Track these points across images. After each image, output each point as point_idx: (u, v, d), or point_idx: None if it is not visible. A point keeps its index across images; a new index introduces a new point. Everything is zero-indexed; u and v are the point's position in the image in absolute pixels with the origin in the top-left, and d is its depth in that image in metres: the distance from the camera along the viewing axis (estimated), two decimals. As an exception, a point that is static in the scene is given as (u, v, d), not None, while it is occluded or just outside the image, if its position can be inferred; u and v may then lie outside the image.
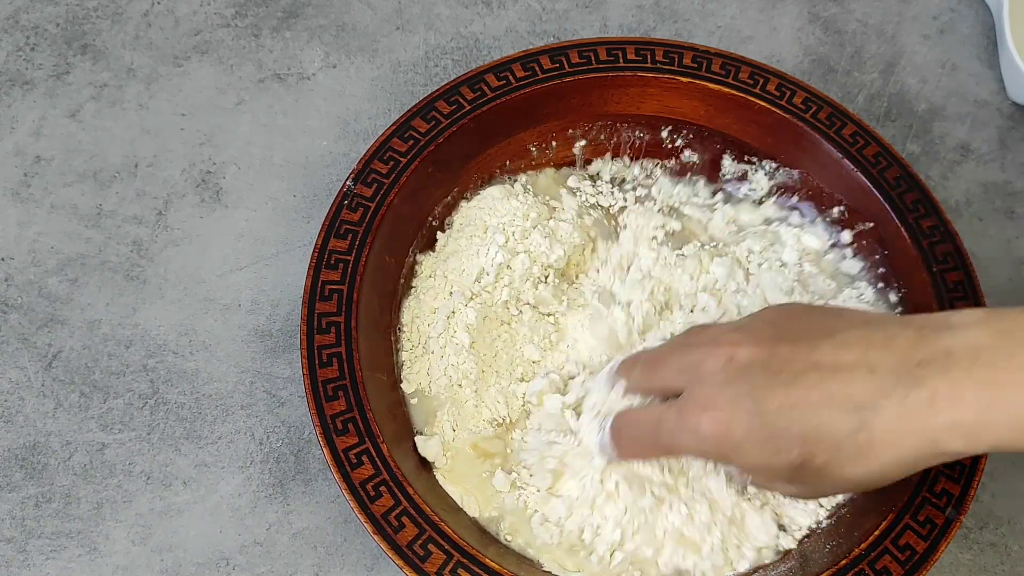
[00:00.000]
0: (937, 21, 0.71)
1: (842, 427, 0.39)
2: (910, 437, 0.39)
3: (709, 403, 0.42)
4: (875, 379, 0.39)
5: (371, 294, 0.53)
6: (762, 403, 0.40)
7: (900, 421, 0.38)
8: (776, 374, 0.40)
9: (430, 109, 0.56)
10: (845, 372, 0.39)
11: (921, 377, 0.38)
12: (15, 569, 0.51)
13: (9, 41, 0.65)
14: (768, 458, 0.41)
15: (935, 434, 0.38)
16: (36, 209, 0.60)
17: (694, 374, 0.43)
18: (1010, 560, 0.54)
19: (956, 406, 0.38)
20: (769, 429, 0.40)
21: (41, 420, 0.54)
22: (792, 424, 0.40)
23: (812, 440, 0.40)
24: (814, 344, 0.41)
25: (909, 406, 0.38)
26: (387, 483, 0.47)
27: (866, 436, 0.39)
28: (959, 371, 0.38)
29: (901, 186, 0.56)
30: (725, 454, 0.42)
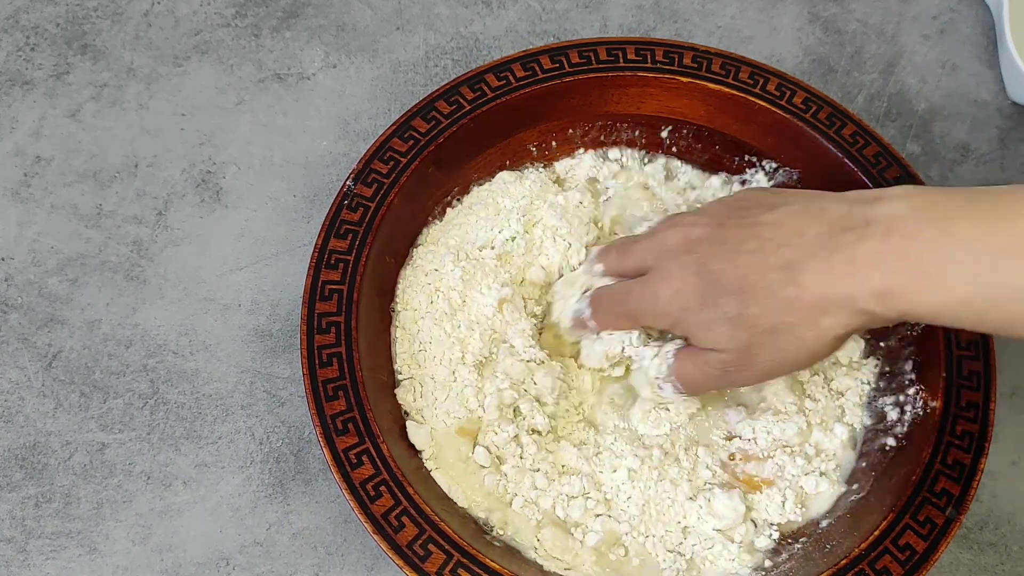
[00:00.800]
0: (937, 21, 0.71)
1: (772, 281, 0.44)
2: (829, 292, 0.43)
3: (666, 273, 0.47)
4: (804, 242, 0.44)
5: (371, 294, 0.53)
6: (707, 267, 0.46)
7: (822, 278, 0.43)
8: (722, 243, 0.46)
9: (430, 109, 0.56)
10: (779, 238, 0.45)
11: (843, 242, 0.43)
12: (15, 569, 0.51)
13: (9, 41, 0.65)
14: (709, 312, 0.46)
15: (852, 292, 0.42)
16: (36, 209, 0.60)
17: (658, 250, 0.49)
18: (1010, 560, 0.54)
19: (870, 269, 0.42)
20: (711, 288, 0.46)
21: (41, 420, 0.54)
22: (730, 281, 0.45)
23: (746, 291, 0.45)
24: (757, 217, 0.46)
25: (831, 267, 0.43)
26: (387, 483, 0.47)
27: (794, 291, 0.44)
28: (875, 238, 0.42)
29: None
30: (675, 314, 0.47)
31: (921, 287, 0.41)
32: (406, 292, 0.55)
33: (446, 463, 0.51)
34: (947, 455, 0.49)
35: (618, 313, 0.51)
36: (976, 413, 0.50)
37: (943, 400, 0.50)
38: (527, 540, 0.49)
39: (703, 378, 0.49)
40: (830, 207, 0.45)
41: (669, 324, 0.48)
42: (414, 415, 0.52)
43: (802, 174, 0.58)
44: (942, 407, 0.50)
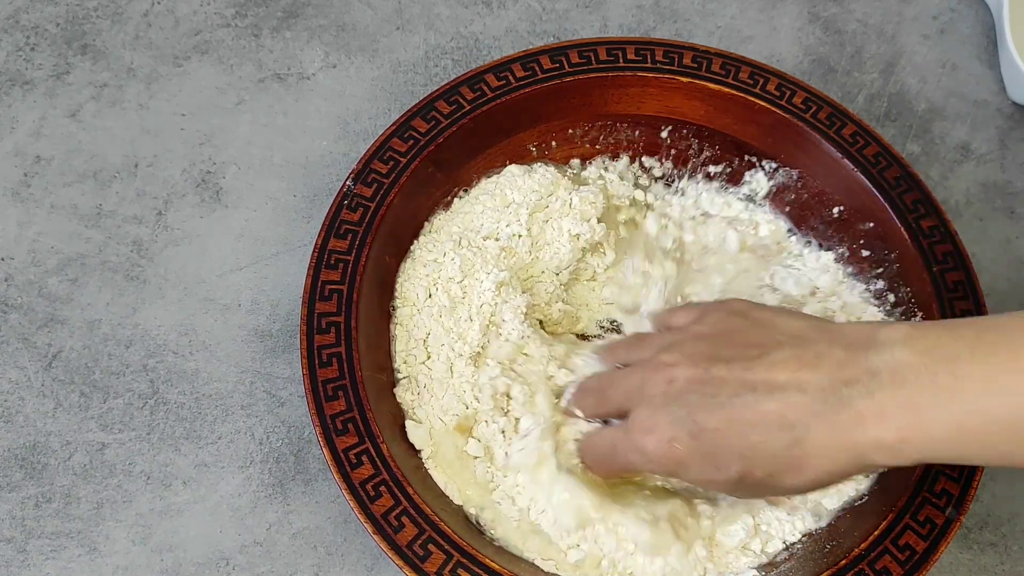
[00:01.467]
0: (937, 21, 0.71)
1: (777, 444, 0.42)
2: (840, 453, 0.41)
3: (652, 425, 0.44)
4: (806, 399, 0.41)
5: (371, 294, 0.53)
6: (701, 424, 0.43)
7: (830, 438, 0.41)
8: (713, 396, 0.43)
9: (430, 109, 0.56)
10: (778, 392, 0.42)
11: (848, 397, 0.41)
12: (15, 569, 0.51)
13: (9, 41, 0.65)
14: (710, 474, 0.44)
15: (862, 450, 0.41)
16: (36, 209, 0.60)
17: (637, 397, 0.46)
18: (1010, 560, 0.54)
19: (880, 425, 0.40)
20: (709, 448, 0.43)
21: (41, 420, 0.54)
22: (730, 443, 0.43)
23: (749, 457, 0.43)
24: (747, 365, 0.43)
25: (838, 425, 0.41)
26: (387, 483, 0.47)
27: (799, 451, 0.42)
28: (882, 392, 0.40)
29: (901, 186, 0.56)
30: (671, 471, 0.45)
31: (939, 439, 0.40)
32: (404, 286, 0.54)
33: (444, 461, 0.51)
34: (947, 455, 0.49)
35: (609, 465, 0.49)
36: (976, 413, 0.50)
37: (943, 400, 0.50)
38: (514, 542, 0.49)
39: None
40: (826, 353, 0.42)
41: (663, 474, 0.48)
42: (412, 414, 0.52)
43: (802, 174, 0.58)
44: (942, 407, 0.50)
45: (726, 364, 0.44)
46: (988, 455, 0.41)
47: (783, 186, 0.59)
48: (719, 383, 0.43)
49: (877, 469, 0.44)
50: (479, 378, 0.52)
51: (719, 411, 0.43)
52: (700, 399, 0.43)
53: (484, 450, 0.51)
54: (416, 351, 0.53)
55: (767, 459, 0.42)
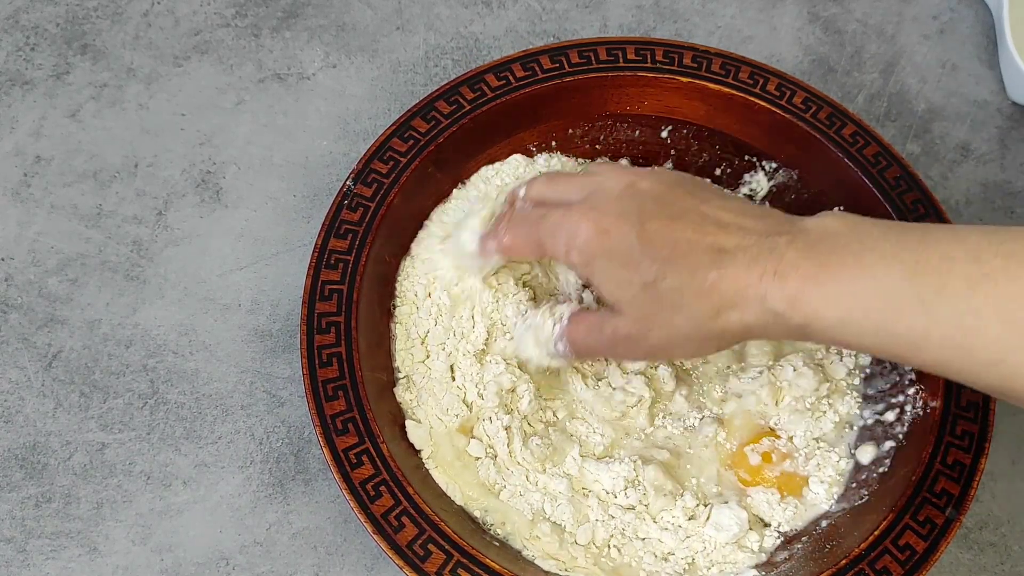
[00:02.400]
0: (937, 21, 0.71)
1: (700, 261, 0.44)
2: (747, 287, 0.43)
3: (597, 207, 0.46)
4: (741, 235, 0.44)
5: (371, 294, 0.53)
6: (644, 222, 0.45)
7: (745, 271, 0.43)
8: (665, 206, 0.45)
9: (430, 109, 0.56)
10: (721, 224, 0.45)
11: (775, 244, 0.43)
12: (15, 569, 0.51)
13: (9, 41, 0.65)
14: (627, 269, 0.45)
15: (766, 290, 0.43)
16: (36, 209, 0.60)
17: (594, 190, 0.47)
18: (1010, 560, 0.54)
19: (789, 272, 0.42)
20: (640, 245, 0.44)
21: (41, 420, 0.54)
22: (660, 247, 0.44)
23: (670, 261, 0.44)
24: (704, 199, 0.46)
25: (757, 262, 0.43)
26: (387, 483, 0.47)
27: (715, 275, 0.43)
28: (803, 244, 0.43)
29: (901, 186, 0.56)
30: (589, 258, 0.46)
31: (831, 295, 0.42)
32: (403, 284, 0.55)
33: (444, 461, 0.51)
34: (947, 455, 0.49)
35: (527, 235, 0.48)
36: (976, 413, 0.50)
37: (943, 400, 0.50)
38: (522, 538, 0.49)
39: (593, 343, 0.48)
40: (771, 214, 0.46)
41: (579, 263, 0.46)
42: (411, 414, 0.52)
43: (802, 174, 0.58)
44: (942, 407, 0.50)
45: (687, 191, 0.47)
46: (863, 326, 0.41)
47: (783, 186, 0.59)
48: (676, 200, 0.46)
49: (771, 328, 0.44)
50: (484, 375, 0.52)
51: (666, 220, 0.45)
52: (653, 205, 0.45)
53: (486, 450, 0.51)
54: (415, 350, 0.53)
55: (684, 271, 0.44)
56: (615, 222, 0.45)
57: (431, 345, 0.53)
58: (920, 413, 0.51)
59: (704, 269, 0.44)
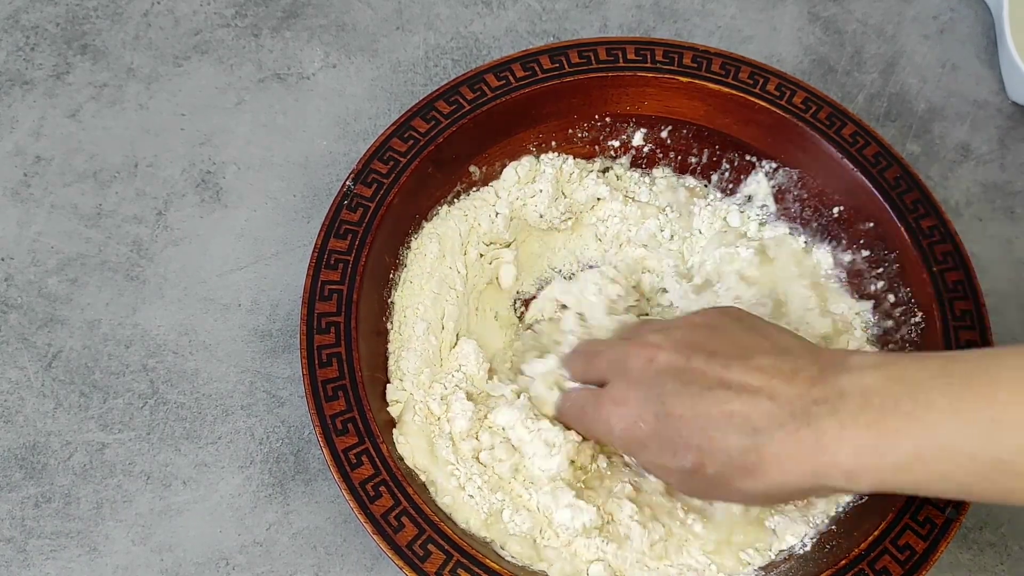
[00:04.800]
0: (937, 21, 0.71)
1: (735, 445, 0.42)
2: (795, 467, 0.42)
3: (621, 399, 0.46)
4: (773, 408, 0.42)
5: (371, 294, 0.53)
6: (668, 408, 0.44)
7: (787, 451, 0.41)
8: (687, 384, 0.44)
9: (430, 109, 0.56)
10: (748, 395, 0.43)
11: (814, 414, 0.41)
12: (15, 569, 0.51)
13: (9, 41, 0.65)
14: (665, 459, 0.45)
15: (818, 469, 0.41)
16: (36, 209, 0.60)
17: (618, 369, 0.47)
18: (1010, 560, 0.54)
19: (839, 447, 0.40)
20: (670, 434, 0.44)
21: (41, 420, 0.54)
22: (691, 434, 0.43)
23: (706, 451, 0.43)
24: (727, 363, 0.44)
25: (798, 439, 0.41)
26: (387, 483, 0.47)
27: (755, 458, 0.42)
28: (847, 414, 0.40)
29: (901, 186, 0.56)
30: (629, 448, 0.47)
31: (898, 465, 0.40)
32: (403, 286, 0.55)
33: (412, 433, 0.51)
34: (947, 455, 0.49)
35: (576, 423, 0.50)
36: (976, 413, 0.50)
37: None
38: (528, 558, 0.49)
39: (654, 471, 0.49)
40: (803, 369, 0.43)
41: (621, 449, 0.48)
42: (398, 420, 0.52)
43: (802, 174, 0.58)
44: (942, 407, 0.50)
45: (707, 358, 0.44)
46: (945, 486, 0.40)
47: (783, 186, 0.59)
48: (696, 374, 0.44)
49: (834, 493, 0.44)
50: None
51: (688, 400, 0.44)
52: (674, 385, 0.44)
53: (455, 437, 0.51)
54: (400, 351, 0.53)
55: (722, 457, 0.43)
56: (639, 412, 0.45)
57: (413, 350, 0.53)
58: (920, 413, 0.51)
59: (742, 453, 0.42)
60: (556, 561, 0.48)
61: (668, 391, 0.44)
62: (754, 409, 0.42)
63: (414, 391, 0.52)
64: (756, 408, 0.42)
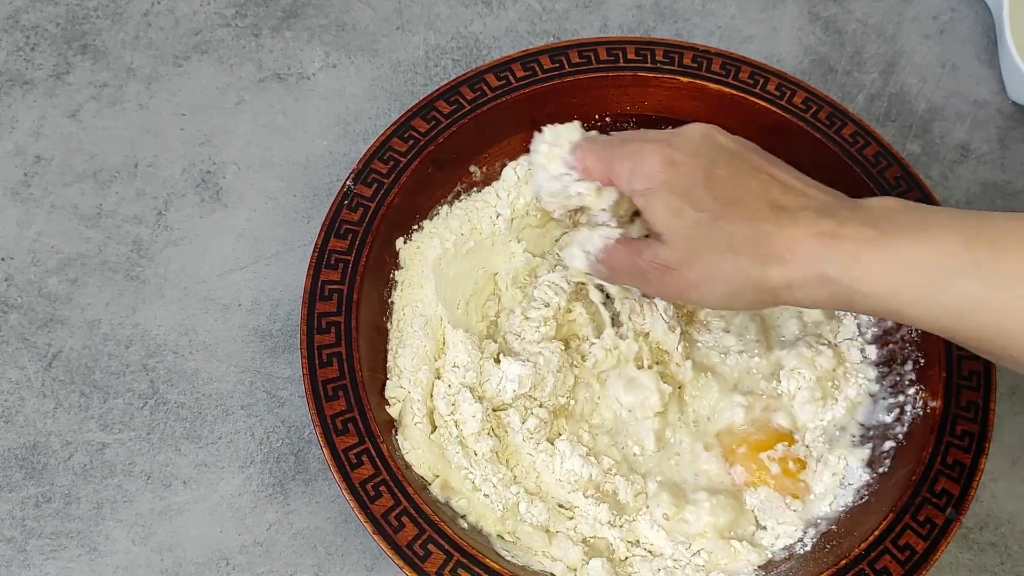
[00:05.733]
0: (937, 21, 0.71)
1: (759, 210, 0.45)
2: (802, 245, 0.44)
3: (673, 146, 0.47)
4: (804, 199, 0.45)
5: (371, 294, 0.53)
6: (715, 167, 0.46)
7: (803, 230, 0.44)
8: (739, 161, 0.47)
9: (430, 109, 0.56)
10: (787, 187, 0.46)
11: (836, 211, 0.44)
12: (15, 569, 0.51)
13: (9, 41, 0.66)
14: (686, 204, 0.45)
15: (822, 251, 0.43)
16: (36, 209, 0.60)
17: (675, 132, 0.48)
18: (1010, 560, 0.54)
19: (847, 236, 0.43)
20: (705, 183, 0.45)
21: (41, 420, 0.54)
22: (726, 189, 0.45)
23: (730, 204, 0.45)
24: (777, 165, 0.48)
25: (816, 224, 0.44)
26: (387, 483, 0.47)
27: (771, 228, 0.44)
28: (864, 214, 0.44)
29: (901, 186, 0.56)
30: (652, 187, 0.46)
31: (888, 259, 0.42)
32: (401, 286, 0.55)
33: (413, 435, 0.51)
34: (947, 455, 0.49)
35: (602, 157, 0.49)
36: (976, 413, 0.50)
37: (943, 400, 0.50)
38: (490, 528, 0.50)
39: (629, 266, 0.49)
40: (840, 193, 0.47)
41: (640, 189, 0.47)
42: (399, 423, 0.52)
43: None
44: (942, 407, 0.50)
45: (761, 156, 0.48)
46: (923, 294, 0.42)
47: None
48: (748, 159, 0.47)
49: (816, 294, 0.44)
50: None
51: (735, 170, 0.46)
52: (727, 158, 0.47)
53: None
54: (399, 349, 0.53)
55: (743, 217, 0.45)
56: (686, 159, 0.46)
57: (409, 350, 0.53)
58: (920, 413, 0.51)
59: (762, 220, 0.44)
60: (563, 549, 0.49)
61: (721, 158, 0.46)
62: (787, 196, 0.45)
63: (412, 389, 0.51)
64: (789, 195, 0.45)
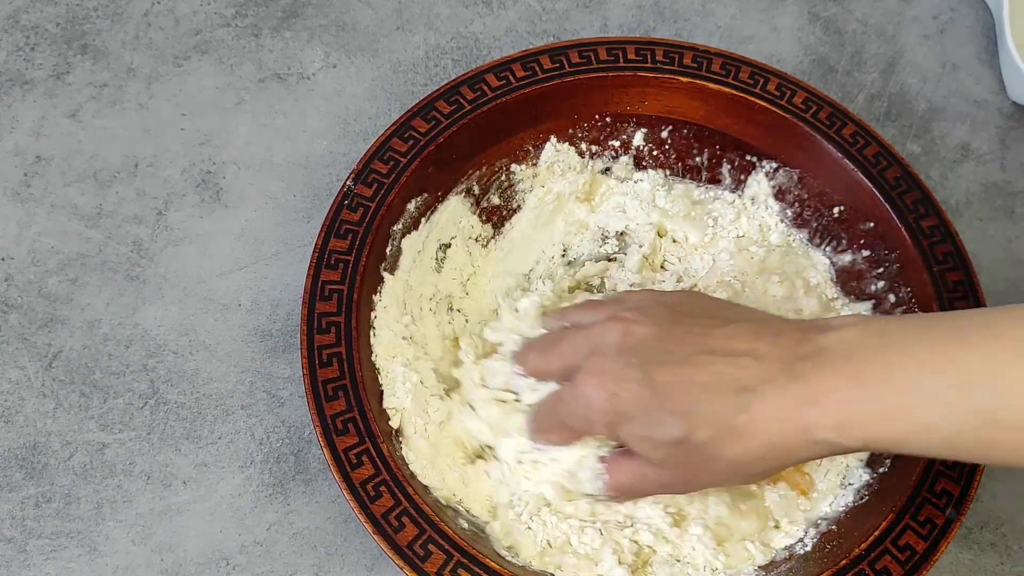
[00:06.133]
0: (937, 21, 0.71)
1: (725, 406, 0.41)
2: (785, 423, 0.41)
3: (600, 370, 0.44)
4: (760, 367, 0.41)
5: (371, 294, 0.53)
6: (652, 376, 0.42)
7: (778, 407, 0.41)
8: (669, 352, 0.43)
9: (430, 109, 0.56)
10: (734, 357, 0.42)
11: (801, 370, 0.41)
12: (15, 569, 0.51)
13: (9, 41, 0.65)
14: (651, 430, 0.43)
15: (808, 423, 0.41)
16: (36, 209, 0.60)
17: (590, 348, 0.45)
18: (1010, 560, 0.54)
19: (828, 398, 0.40)
20: (656, 402, 0.42)
21: (41, 420, 0.54)
22: (678, 400, 0.42)
23: (695, 416, 0.42)
24: (708, 330, 0.43)
25: (787, 394, 0.41)
26: (387, 483, 0.47)
27: (746, 418, 0.41)
28: (833, 367, 0.40)
29: (901, 186, 0.56)
30: (612, 423, 0.44)
31: (884, 415, 0.40)
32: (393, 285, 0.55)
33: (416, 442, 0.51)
34: (947, 455, 0.49)
35: (551, 425, 0.47)
36: (976, 413, 0.50)
37: (943, 400, 0.50)
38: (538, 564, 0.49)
39: (639, 489, 0.46)
40: (785, 331, 0.43)
41: (604, 430, 0.45)
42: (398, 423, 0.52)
43: (802, 174, 0.58)
44: (942, 407, 0.50)
45: (687, 327, 0.44)
46: (930, 439, 0.40)
47: (783, 186, 0.59)
48: (677, 341, 0.43)
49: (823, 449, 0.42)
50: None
51: (673, 367, 0.42)
52: (655, 353, 0.43)
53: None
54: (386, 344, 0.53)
55: (712, 421, 0.41)
56: (622, 383, 0.43)
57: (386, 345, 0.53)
58: (920, 413, 0.51)
59: (732, 414, 0.41)
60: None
61: (650, 360, 0.43)
62: (741, 370, 0.41)
63: (404, 398, 0.51)
64: (743, 369, 0.41)
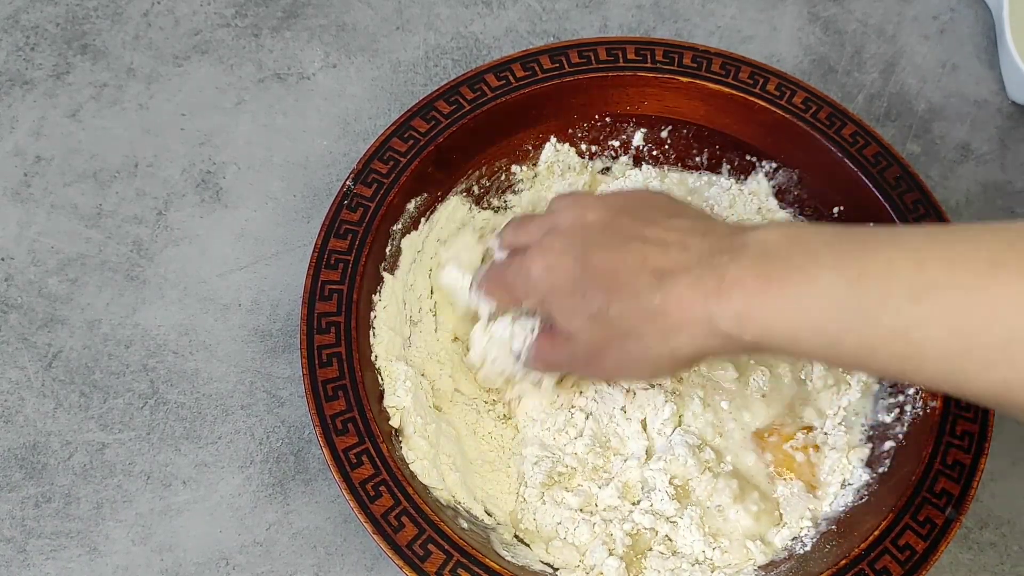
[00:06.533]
0: (937, 21, 0.71)
1: (643, 285, 0.44)
2: (693, 309, 0.43)
3: (547, 247, 0.48)
4: (683, 256, 0.44)
5: (370, 294, 0.53)
6: (587, 256, 0.46)
7: (689, 292, 0.43)
8: (609, 237, 0.46)
9: (430, 109, 0.56)
10: (663, 247, 0.45)
11: (719, 263, 0.43)
12: (15, 569, 0.51)
13: (9, 41, 0.66)
14: (575, 300, 0.46)
15: (712, 312, 0.43)
16: (36, 209, 0.60)
17: (548, 229, 0.49)
18: (1010, 560, 0.54)
19: (734, 289, 0.42)
20: (584, 276, 0.46)
21: (41, 420, 0.54)
22: (603, 274, 0.45)
23: (614, 291, 0.45)
24: (649, 222, 0.46)
25: (700, 283, 0.43)
26: (387, 483, 0.47)
27: (659, 300, 0.44)
28: (746, 260, 0.42)
29: (901, 186, 0.56)
30: (544, 296, 0.48)
31: (779, 310, 0.41)
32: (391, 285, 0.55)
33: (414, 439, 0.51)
34: (947, 455, 0.49)
35: (497, 284, 0.51)
36: (976, 413, 0.50)
37: (943, 400, 0.50)
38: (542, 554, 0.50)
39: (555, 361, 0.50)
40: (717, 228, 0.46)
41: (536, 300, 0.48)
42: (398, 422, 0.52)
43: (802, 174, 0.58)
44: (942, 407, 0.50)
45: (632, 217, 0.47)
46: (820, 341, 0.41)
47: (783, 186, 0.59)
48: (618, 228, 0.47)
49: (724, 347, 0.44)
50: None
51: (608, 250, 0.46)
52: (597, 237, 0.47)
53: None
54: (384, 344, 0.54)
55: (628, 296, 0.44)
56: (560, 258, 0.47)
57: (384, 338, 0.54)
58: (920, 413, 0.51)
59: (648, 293, 0.44)
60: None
61: (591, 241, 0.46)
62: (665, 257, 0.44)
63: (404, 397, 0.52)
64: (667, 256, 0.44)
